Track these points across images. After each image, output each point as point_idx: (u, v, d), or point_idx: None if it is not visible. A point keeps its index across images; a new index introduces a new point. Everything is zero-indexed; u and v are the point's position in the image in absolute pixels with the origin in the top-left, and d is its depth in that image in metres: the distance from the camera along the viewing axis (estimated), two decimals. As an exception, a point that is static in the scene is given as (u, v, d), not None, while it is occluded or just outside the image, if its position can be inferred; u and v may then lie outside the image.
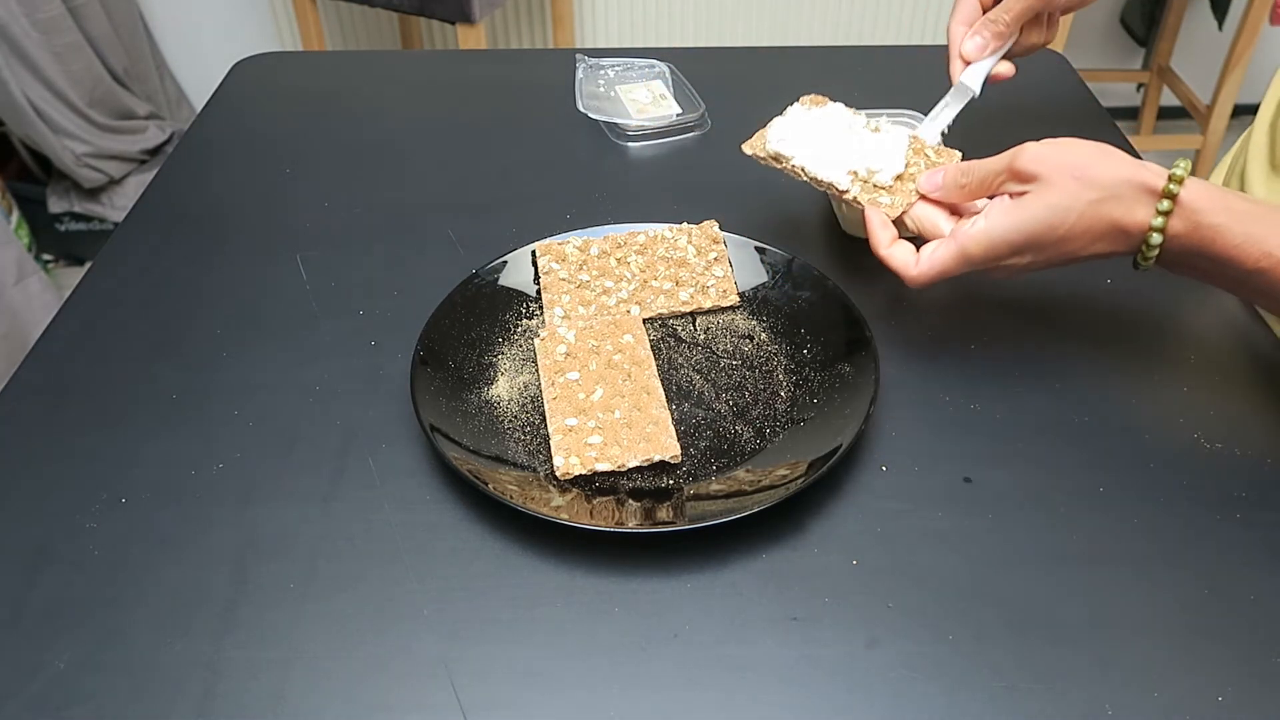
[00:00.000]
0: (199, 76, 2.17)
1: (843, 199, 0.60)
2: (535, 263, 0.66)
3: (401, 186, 0.80)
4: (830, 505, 0.52)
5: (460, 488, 0.53)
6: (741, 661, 0.45)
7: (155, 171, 0.83)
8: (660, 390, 0.56)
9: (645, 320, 0.63)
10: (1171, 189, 0.49)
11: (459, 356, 0.60)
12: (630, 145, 0.85)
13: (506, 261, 0.66)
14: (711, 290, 0.64)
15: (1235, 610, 0.47)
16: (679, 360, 0.61)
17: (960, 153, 0.61)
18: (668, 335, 0.63)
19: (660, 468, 0.53)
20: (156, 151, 2.01)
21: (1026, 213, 0.51)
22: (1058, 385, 0.60)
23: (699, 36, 2.18)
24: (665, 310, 0.64)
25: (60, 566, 0.50)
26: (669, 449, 0.53)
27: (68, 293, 0.69)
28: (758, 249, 0.67)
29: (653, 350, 0.60)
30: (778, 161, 0.62)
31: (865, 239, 0.72)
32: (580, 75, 0.92)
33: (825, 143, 0.62)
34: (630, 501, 0.52)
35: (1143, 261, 0.52)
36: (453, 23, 1.69)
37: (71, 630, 0.47)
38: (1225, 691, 0.44)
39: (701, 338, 0.63)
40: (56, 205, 1.97)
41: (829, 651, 0.46)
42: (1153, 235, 0.50)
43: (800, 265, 0.65)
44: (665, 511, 0.51)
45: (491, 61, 1.03)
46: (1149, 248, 0.50)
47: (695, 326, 0.64)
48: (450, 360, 0.59)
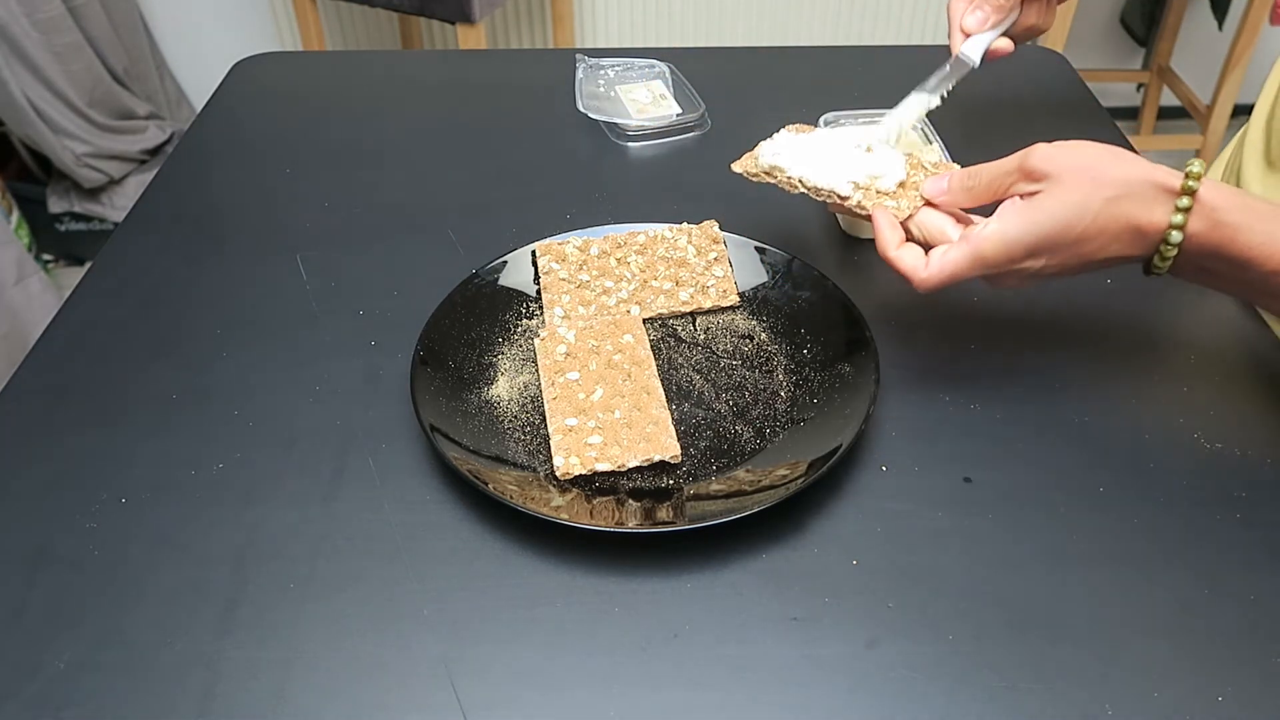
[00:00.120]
0: (199, 76, 2.17)
1: (845, 206, 0.59)
2: (535, 263, 0.66)
3: (401, 186, 0.80)
4: (830, 505, 0.52)
5: (460, 488, 0.53)
6: (741, 661, 0.45)
7: (155, 171, 0.83)
8: (660, 390, 0.56)
9: (645, 320, 0.63)
10: (1190, 185, 0.47)
11: (459, 356, 0.60)
12: (630, 145, 0.85)
13: (506, 261, 0.66)
14: (711, 290, 0.64)
15: (1235, 610, 0.47)
16: (679, 360, 0.61)
17: (958, 165, 0.59)
18: (668, 335, 0.63)
19: (660, 468, 0.53)
20: (156, 151, 2.01)
21: (1042, 212, 0.50)
22: (1058, 385, 0.60)
23: (699, 36, 2.18)
24: (665, 310, 0.64)
25: (60, 566, 0.50)
26: (669, 449, 0.53)
27: (68, 293, 0.69)
28: (758, 249, 0.67)
29: (653, 350, 0.60)
30: (772, 176, 0.61)
31: (866, 240, 0.73)
32: (580, 75, 0.92)
33: (821, 156, 0.60)
34: (630, 501, 0.52)
35: (1159, 264, 0.50)
36: (453, 23, 1.69)
37: (71, 630, 0.47)
38: (1225, 691, 0.44)
39: (701, 338, 0.63)
40: (56, 205, 1.97)
41: (829, 651, 0.46)
42: (1172, 234, 0.48)
43: (800, 265, 0.65)
44: (665, 511, 0.51)
45: (491, 61, 1.03)
46: (1168, 247, 0.49)
47: (695, 326, 0.64)
48: (450, 360, 0.59)
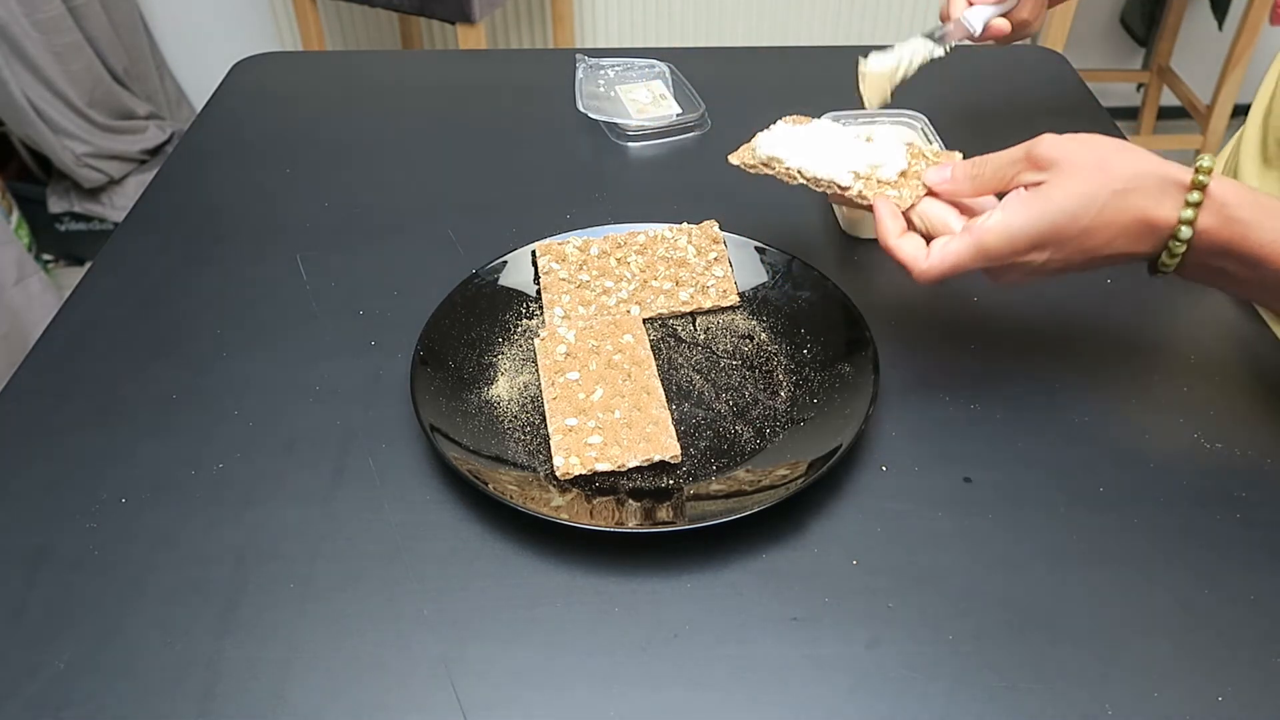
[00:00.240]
0: (199, 76, 2.17)
1: (845, 197, 0.58)
2: (535, 263, 0.66)
3: (402, 186, 0.80)
4: (830, 505, 0.52)
5: (460, 488, 0.53)
6: (741, 661, 0.45)
7: (155, 171, 0.83)
8: (660, 390, 0.56)
9: (645, 320, 0.63)
10: (1201, 180, 0.46)
11: (459, 356, 0.60)
12: (630, 145, 0.85)
13: (506, 261, 0.66)
14: (711, 290, 0.64)
15: (1235, 610, 0.47)
16: (679, 360, 0.61)
17: (960, 154, 0.59)
18: (668, 335, 0.63)
19: (660, 468, 0.53)
20: (156, 151, 2.01)
21: (1048, 202, 0.48)
22: (1057, 385, 0.60)
23: (699, 36, 2.18)
24: (665, 310, 0.64)
25: (60, 566, 0.50)
26: (669, 449, 0.53)
27: (68, 293, 0.69)
28: (758, 249, 0.67)
29: (653, 350, 0.60)
30: (770, 167, 0.60)
31: (866, 240, 0.73)
32: (580, 75, 0.92)
33: (820, 146, 0.59)
34: (630, 501, 0.52)
35: (1167, 260, 0.49)
36: (453, 23, 1.69)
37: (71, 630, 0.47)
38: (1225, 691, 0.44)
39: (701, 338, 0.63)
40: (56, 205, 1.97)
41: (829, 651, 0.46)
42: (1182, 229, 0.47)
43: (800, 265, 0.65)
44: (665, 511, 0.51)
45: (491, 61, 1.03)
46: (1176, 243, 0.48)
47: (695, 326, 0.64)
48: (450, 360, 0.59)
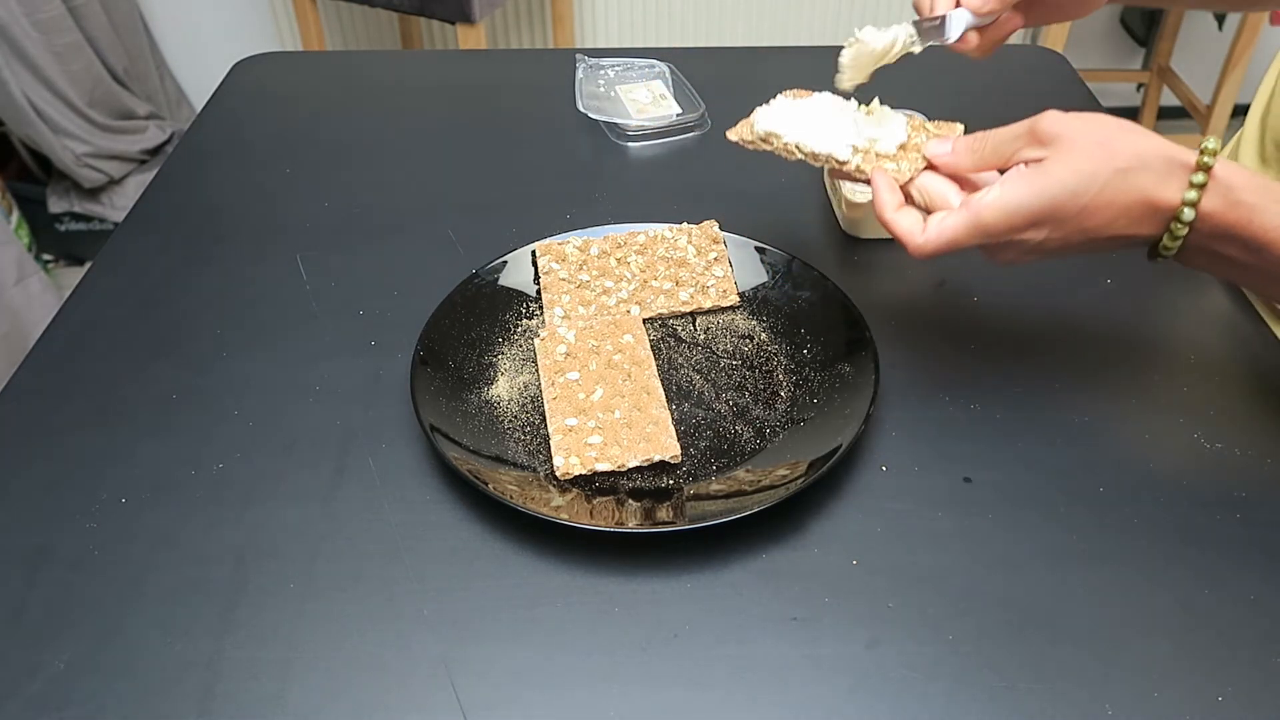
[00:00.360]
0: (199, 76, 2.17)
1: (844, 171, 0.56)
2: (535, 263, 0.66)
3: (402, 186, 0.80)
4: (830, 505, 0.52)
5: (460, 488, 0.53)
6: (741, 661, 0.45)
7: (155, 171, 0.84)
8: (660, 390, 0.56)
9: (645, 320, 0.63)
10: (1206, 162, 0.45)
11: (459, 356, 0.60)
12: (630, 145, 0.85)
13: (506, 261, 0.66)
14: (711, 290, 0.64)
15: (1235, 610, 0.47)
16: (679, 360, 0.61)
17: (962, 125, 0.57)
18: (668, 335, 0.63)
19: (660, 468, 0.53)
20: (156, 151, 2.01)
21: (1049, 178, 0.47)
22: (1058, 385, 0.60)
23: (699, 36, 2.18)
24: (665, 310, 0.64)
25: (60, 566, 0.50)
26: (669, 449, 0.53)
27: (68, 293, 0.69)
28: (758, 249, 0.67)
29: (653, 350, 0.60)
30: (768, 143, 0.58)
31: (866, 240, 0.73)
32: (580, 75, 0.92)
33: (818, 121, 0.57)
34: (630, 501, 0.52)
35: (1168, 244, 0.48)
36: (453, 23, 1.69)
37: (71, 630, 0.47)
38: (1225, 691, 0.44)
39: (701, 338, 0.63)
40: (56, 205, 1.97)
41: (829, 651, 0.46)
42: (1184, 211, 0.46)
43: (800, 265, 0.65)
44: (665, 511, 0.51)
45: (491, 61, 1.03)
46: (1179, 225, 0.46)
47: (695, 326, 0.64)
48: (450, 360, 0.59)
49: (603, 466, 0.52)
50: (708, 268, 0.66)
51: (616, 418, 0.55)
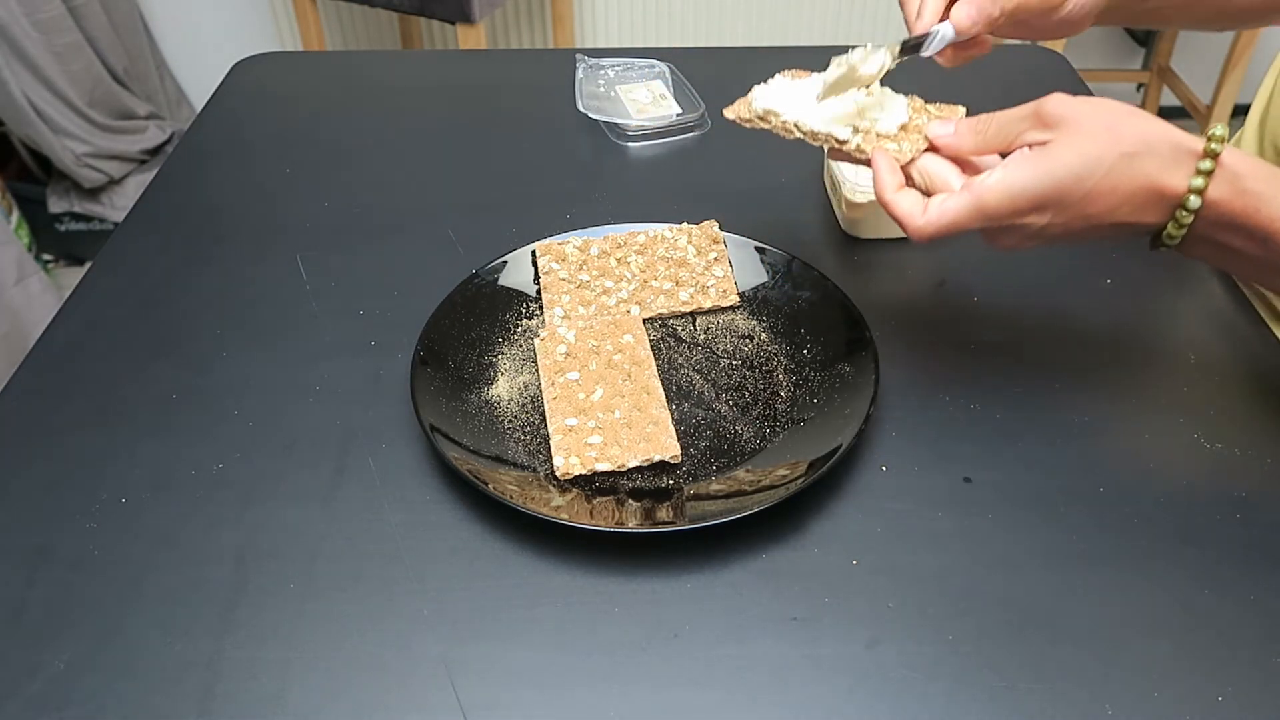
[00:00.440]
0: (199, 76, 2.17)
1: (843, 151, 0.55)
2: (535, 263, 0.66)
3: (402, 186, 0.80)
4: (830, 505, 0.52)
5: (460, 488, 0.53)
6: (741, 661, 0.45)
7: (155, 171, 0.83)
8: (660, 390, 0.56)
9: (645, 320, 0.63)
10: (1214, 149, 0.44)
11: (459, 356, 0.60)
12: (630, 145, 0.85)
13: (506, 261, 0.66)
14: (711, 290, 0.64)
15: (1235, 610, 0.47)
16: (679, 360, 0.61)
17: (964, 107, 0.56)
18: (668, 335, 0.63)
19: (660, 468, 0.53)
20: (156, 151, 2.01)
21: (1053, 161, 0.46)
22: (1058, 385, 0.60)
23: (699, 36, 2.18)
24: (665, 310, 0.64)
25: (60, 566, 0.50)
26: (669, 449, 0.53)
27: (68, 293, 0.69)
28: (758, 249, 0.67)
29: (653, 350, 0.60)
30: (766, 121, 0.57)
31: (866, 240, 0.73)
32: (580, 75, 0.92)
33: (817, 100, 0.56)
34: (630, 501, 0.52)
35: (1173, 232, 0.47)
36: (453, 23, 1.69)
37: (71, 630, 0.47)
38: (1225, 691, 0.44)
39: (701, 338, 0.63)
40: (56, 205, 1.97)
41: (829, 651, 0.46)
42: (1190, 198, 0.45)
43: (800, 265, 0.65)
44: (665, 511, 0.51)
45: (491, 61, 1.03)
46: (1184, 213, 0.45)
47: (695, 326, 0.64)
48: (450, 360, 0.59)
49: (603, 466, 0.52)
50: (708, 268, 0.66)
51: (616, 418, 0.55)
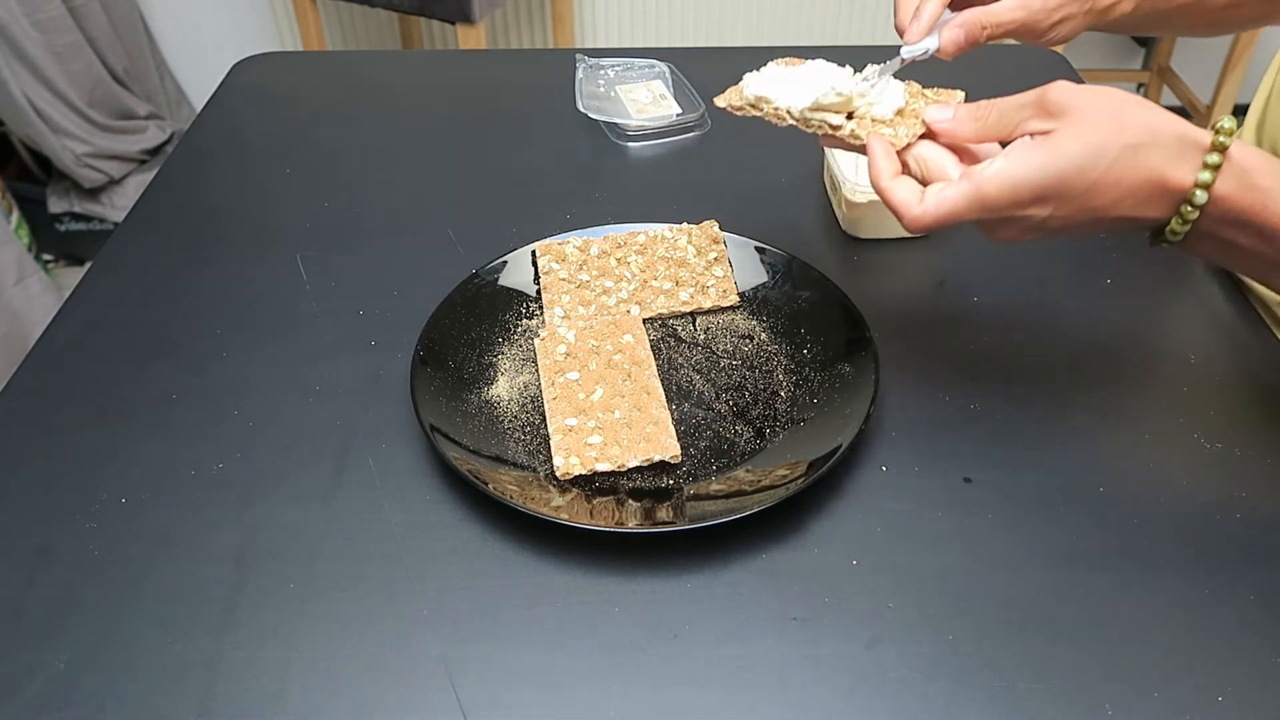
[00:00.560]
0: (199, 76, 2.17)
1: (837, 137, 0.53)
2: (535, 263, 0.66)
3: (401, 186, 0.80)
4: (830, 505, 0.52)
5: (460, 488, 0.53)
6: (741, 661, 0.45)
7: (155, 171, 0.83)
8: (660, 390, 0.56)
9: (645, 320, 0.63)
10: (1222, 142, 0.43)
11: (459, 356, 0.60)
12: (630, 145, 0.85)
13: (506, 261, 0.66)
14: (711, 290, 0.64)
15: (1235, 610, 0.47)
16: (679, 360, 0.61)
17: (963, 92, 0.54)
18: (668, 335, 0.63)
19: (660, 468, 0.53)
20: (156, 151, 2.01)
21: (1056, 151, 0.44)
22: (1057, 385, 0.60)
23: (699, 36, 2.18)
24: (665, 310, 0.64)
25: (60, 566, 0.50)
26: (669, 449, 0.53)
27: (68, 293, 0.69)
28: (758, 249, 0.67)
29: (653, 350, 0.60)
30: (758, 108, 0.55)
31: (866, 240, 0.73)
32: (580, 75, 0.92)
33: (811, 87, 0.54)
34: (630, 501, 0.52)
35: (1176, 228, 0.45)
36: (453, 23, 1.69)
37: (71, 630, 0.47)
38: (1225, 691, 0.44)
39: (701, 338, 0.63)
40: (56, 205, 1.97)
41: (829, 651, 0.46)
42: (1197, 193, 0.43)
43: (800, 265, 0.65)
44: (665, 511, 0.51)
45: (491, 61, 1.03)
46: (1190, 208, 0.44)
47: (695, 326, 0.64)
48: (450, 360, 0.59)
49: (603, 466, 0.52)
50: (708, 268, 0.66)
51: (616, 418, 0.55)
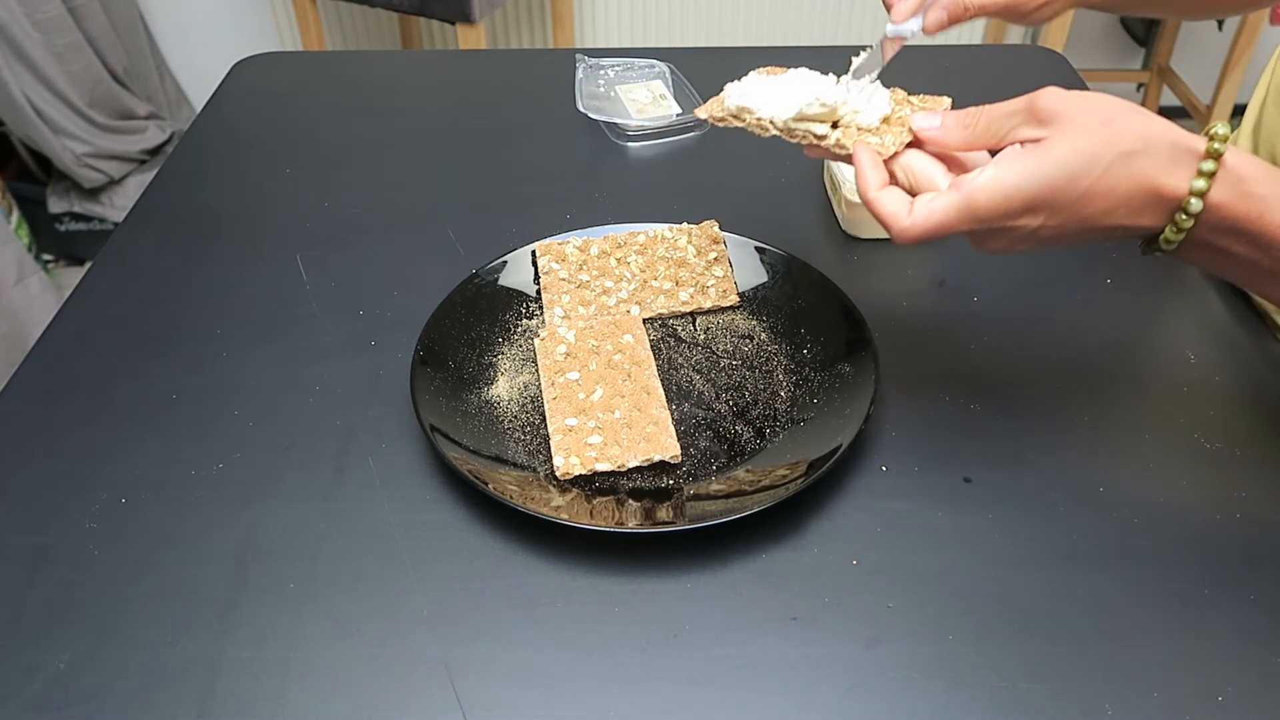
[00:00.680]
0: (199, 76, 2.17)
1: (822, 147, 0.52)
2: (535, 263, 0.66)
3: (401, 186, 0.80)
4: (830, 505, 0.52)
5: (460, 488, 0.53)
6: (741, 661, 0.45)
7: (155, 171, 0.84)
8: (660, 390, 0.56)
9: (645, 320, 0.63)
10: (1216, 149, 0.42)
11: (459, 356, 0.60)
12: (630, 145, 0.85)
13: (506, 261, 0.66)
14: (711, 290, 0.64)
15: (1235, 610, 0.47)
16: (679, 360, 0.61)
17: (950, 99, 0.53)
18: (668, 335, 0.63)
19: (660, 468, 0.53)
20: (156, 151, 2.01)
21: (1047, 159, 0.43)
22: (1057, 385, 0.60)
23: (699, 36, 2.18)
24: (665, 310, 0.64)
25: (60, 566, 0.50)
26: (669, 449, 0.53)
27: (68, 293, 0.69)
28: (758, 249, 0.67)
29: (653, 350, 0.60)
30: (740, 119, 0.54)
31: (866, 240, 0.73)
32: (580, 75, 0.92)
33: (794, 95, 0.52)
34: (630, 501, 0.52)
35: (1171, 236, 0.44)
36: (453, 23, 1.69)
37: (71, 630, 0.47)
38: (1225, 691, 0.44)
39: (701, 338, 0.63)
40: (56, 205, 1.97)
41: (829, 651, 0.46)
42: (1192, 201, 0.42)
43: (800, 265, 0.65)
44: (665, 511, 0.51)
45: (491, 61, 1.03)
46: (1184, 216, 0.43)
47: (695, 326, 0.64)
48: (450, 360, 0.59)
49: (603, 466, 0.52)
50: (708, 268, 0.66)
51: (616, 418, 0.55)
